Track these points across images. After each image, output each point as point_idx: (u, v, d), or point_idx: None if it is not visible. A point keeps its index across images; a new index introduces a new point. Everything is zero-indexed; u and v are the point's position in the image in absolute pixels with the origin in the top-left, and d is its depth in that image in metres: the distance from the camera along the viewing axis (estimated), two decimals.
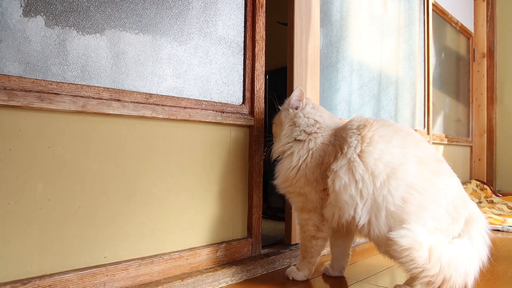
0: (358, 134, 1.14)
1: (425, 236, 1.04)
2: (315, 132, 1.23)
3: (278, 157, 1.30)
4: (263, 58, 1.46)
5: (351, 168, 1.10)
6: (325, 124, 1.25)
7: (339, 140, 1.18)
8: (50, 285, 0.91)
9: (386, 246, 1.08)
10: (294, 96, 1.29)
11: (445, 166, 1.14)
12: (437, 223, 1.07)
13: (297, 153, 1.22)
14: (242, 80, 1.41)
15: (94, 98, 1.00)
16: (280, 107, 1.35)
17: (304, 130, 1.24)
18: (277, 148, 1.29)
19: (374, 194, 1.07)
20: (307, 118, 1.26)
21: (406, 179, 1.06)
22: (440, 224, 1.07)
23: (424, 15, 2.83)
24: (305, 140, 1.23)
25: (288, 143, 1.26)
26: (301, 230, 1.28)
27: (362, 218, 1.10)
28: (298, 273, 1.28)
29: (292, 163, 1.22)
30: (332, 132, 1.22)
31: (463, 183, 3.56)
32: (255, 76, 1.43)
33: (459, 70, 3.63)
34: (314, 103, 1.33)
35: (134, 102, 1.08)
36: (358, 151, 1.11)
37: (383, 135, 1.12)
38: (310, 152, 1.20)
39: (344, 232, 1.29)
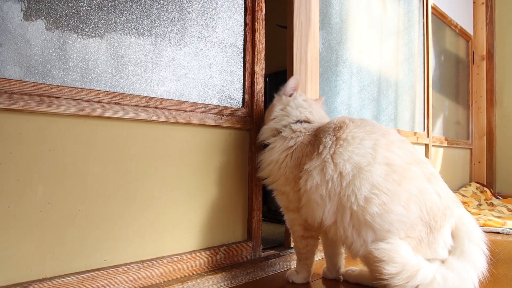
0: (334, 135, 1.14)
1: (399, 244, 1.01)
2: (299, 131, 1.24)
3: (264, 140, 1.32)
4: (263, 61, 1.47)
5: (323, 168, 1.11)
6: (312, 125, 1.26)
7: (317, 140, 1.18)
8: None
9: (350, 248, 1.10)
10: (289, 84, 1.32)
11: (422, 169, 1.08)
12: (406, 229, 1.02)
13: (278, 147, 1.24)
14: (241, 83, 1.41)
15: (94, 101, 1.00)
16: (275, 95, 1.38)
17: (291, 127, 1.25)
18: (264, 131, 1.32)
19: (340, 194, 1.07)
20: (300, 112, 1.28)
21: (371, 180, 1.04)
22: (411, 231, 1.03)
23: (423, 18, 2.84)
24: (287, 137, 1.24)
25: (274, 131, 1.29)
26: (291, 231, 1.30)
27: (328, 219, 1.10)
28: (297, 276, 1.28)
29: (273, 157, 1.24)
30: (313, 132, 1.23)
31: (463, 185, 3.56)
32: (255, 79, 1.43)
33: (458, 72, 3.63)
34: (306, 96, 1.35)
35: (134, 106, 1.08)
36: (331, 152, 1.11)
37: (356, 136, 1.11)
38: (291, 151, 1.22)
39: None
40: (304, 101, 1.32)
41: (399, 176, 1.05)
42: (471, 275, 1.01)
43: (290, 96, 1.32)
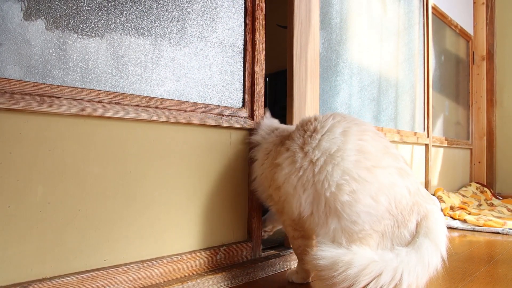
0: (302, 129, 1.16)
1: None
2: (269, 135, 1.32)
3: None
4: (263, 61, 1.47)
5: (293, 158, 1.12)
6: (282, 128, 1.35)
7: (289, 139, 1.20)
8: None
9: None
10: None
11: (394, 163, 1.05)
12: (373, 222, 0.99)
13: (258, 154, 1.31)
14: (242, 83, 1.41)
15: (94, 101, 1.00)
16: None
17: (263, 136, 1.34)
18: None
19: (314, 180, 1.05)
20: (270, 122, 1.40)
21: (342, 165, 1.02)
22: (377, 225, 0.99)
23: (423, 18, 2.84)
24: (262, 143, 1.32)
25: (254, 145, 1.37)
26: (286, 234, 1.31)
27: (306, 209, 1.08)
28: (296, 276, 1.28)
29: (256, 164, 1.30)
30: (287, 134, 1.26)
31: (463, 185, 3.56)
32: (255, 79, 1.43)
33: (458, 73, 3.63)
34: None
35: (134, 106, 1.08)
36: (300, 142, 1.12)
37: (325, 125, 1.11)
38: (267, 152, 1.27)
39: None
40: (276, 122, 1.44)
41: (371, 163, 1.02)
42: (412, 266, 0.95)
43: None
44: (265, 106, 1.48)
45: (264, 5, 1.47)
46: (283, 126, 1.39)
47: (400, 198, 1.01)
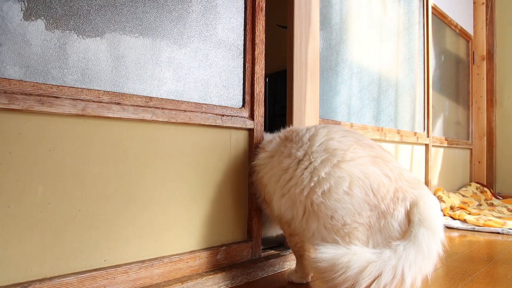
0: (278, 137, 1.26)
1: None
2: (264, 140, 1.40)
3: None
4: (263, 61, 1.47)
5: (271, 165, 1.20)
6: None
7: (269, 143, 1.29)
8: None
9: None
10: None
11: (367, 152, 1.04)
12: (351, 215, 0.98)
13: (256, 158, 1.36)
14: (242, 83, 1.41)
15: (94, 101, 1.00)
16: None
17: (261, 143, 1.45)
18: None
19: (288, 186, 1.11)
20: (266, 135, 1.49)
21: (310, 168, 1.06)
22: (358, 217, 0.99)
23: (423, 18, 2.84)
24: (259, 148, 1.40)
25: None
26: (283, 232, 1.34)
27: (287, 213, 1.13)
28: (295, 275, 1.29)
29: (254, 165, 1.36)
30: (271, 138, 1.34)
31: (463, 185, 3.56)
32: (255, 79, 1.43)
33: (458, 73, 3.63)
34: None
35: (134, 106, 1.08)
36: (279, 151, 1.20)
37: (298, 134, 1.18)
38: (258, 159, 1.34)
39: None
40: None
41: (337, 159, 1.03)
42: (411, 260, 0.92)
43: None
44: (265, 106, 1.49)
45: (264, 5, 1.47)
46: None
47: (377, 186, 0.99)
